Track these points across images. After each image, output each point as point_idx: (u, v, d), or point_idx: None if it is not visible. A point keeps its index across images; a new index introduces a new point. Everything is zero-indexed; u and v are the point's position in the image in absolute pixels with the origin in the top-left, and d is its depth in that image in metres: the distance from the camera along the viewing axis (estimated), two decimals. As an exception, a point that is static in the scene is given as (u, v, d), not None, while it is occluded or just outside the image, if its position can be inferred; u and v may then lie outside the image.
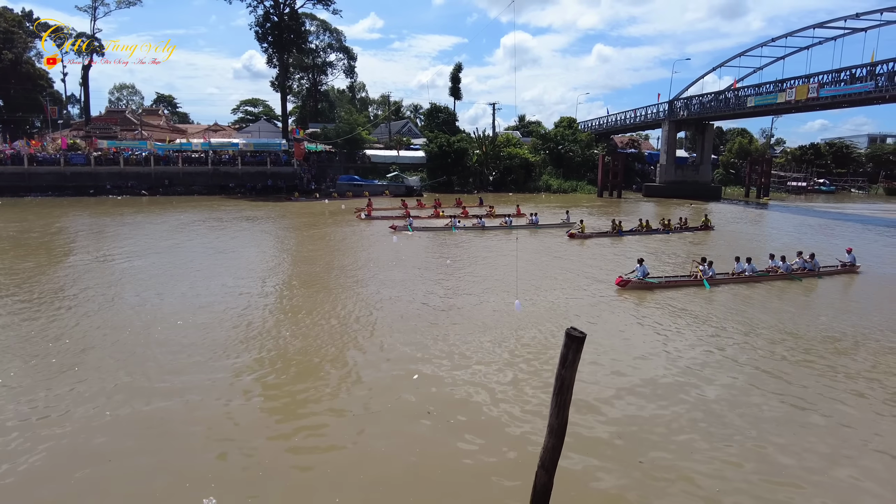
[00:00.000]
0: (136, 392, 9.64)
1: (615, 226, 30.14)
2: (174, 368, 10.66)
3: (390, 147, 68.98)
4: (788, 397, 9.90)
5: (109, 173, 50.94)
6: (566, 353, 5.24)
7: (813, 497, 7.15)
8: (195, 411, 9.02)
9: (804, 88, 43.21)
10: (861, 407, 9.58)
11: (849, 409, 9.51)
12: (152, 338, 12.34)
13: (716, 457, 7.94)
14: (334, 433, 8.51)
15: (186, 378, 10.24)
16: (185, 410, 9.05)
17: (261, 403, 9.44)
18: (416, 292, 16.79)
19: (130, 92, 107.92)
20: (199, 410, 9.05)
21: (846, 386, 10.42)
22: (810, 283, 19.38)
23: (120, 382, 10.00)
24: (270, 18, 61.52)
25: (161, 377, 10.25)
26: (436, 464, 7.73)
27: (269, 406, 9.37)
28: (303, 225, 33.29)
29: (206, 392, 9.69)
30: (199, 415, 8.92)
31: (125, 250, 23.25)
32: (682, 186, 59.25)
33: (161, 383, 10.01)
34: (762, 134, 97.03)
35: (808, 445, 8.32)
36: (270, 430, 8.56)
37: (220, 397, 9.52)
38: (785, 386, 10.39)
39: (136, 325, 13.22)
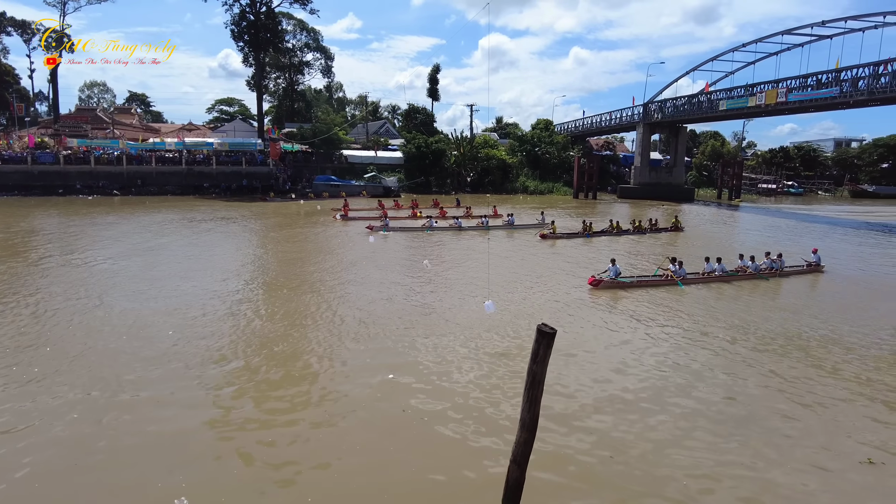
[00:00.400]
0: (105, 397, 9.51)
1: (586, 227, 30.40)
2: (145, 373, 10.51)
3: (368, 147, 68.75)
4: (755, 392, 10.18)
5: (79, 172, 49.81)
6: (537, 349, 5.35)
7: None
8: (165, 415, 8.94)
9: (773, 93, 44.29)
10: (833, 406, 9.89)
11: (820, 409, 9.81)
12: (123, 342, 12.17)
13: (686, 452, 8.13)
14: (307, 434, 8.50)
15: (158, 383, 10.12)
16: (155, 415, 8.95)
17: (232, 404, 9.37)
18: (391, 293, 16.81)
19: (102, 90, 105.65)
20: (168, 414, 8.97)
21: (823, 387, 10.75)
22: (777, 283, 19.89)
23: (89, 388, 9.85)
24: (246, 17, 60.84)
25: (132, 381, 10.12)
26: (410, 461, 7.78)
27: (241, 407, 9.31)
28: (278, 226, 33.03)
29: (177, 396, 9.59)
30: (168, 419, 8.84)
31: (96, 252, 22.81)
32: (656, 188, 60.19)
33: (132, 387, 9.88)
34: (734, 137, 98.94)
35: (778, 443, 8.56)
36: (243, 431, 8.52)
37: (191, 401, 9.43)
38: (757, 381, 10.68)
39: (106, 330, 13.01)
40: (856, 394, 10.23)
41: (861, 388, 10.52)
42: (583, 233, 30.03)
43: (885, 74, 36.37)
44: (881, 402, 9.93)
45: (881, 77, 36.66)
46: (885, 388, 10.56)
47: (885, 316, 15.81)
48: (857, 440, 8.55)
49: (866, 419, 9.25)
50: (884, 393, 10.31)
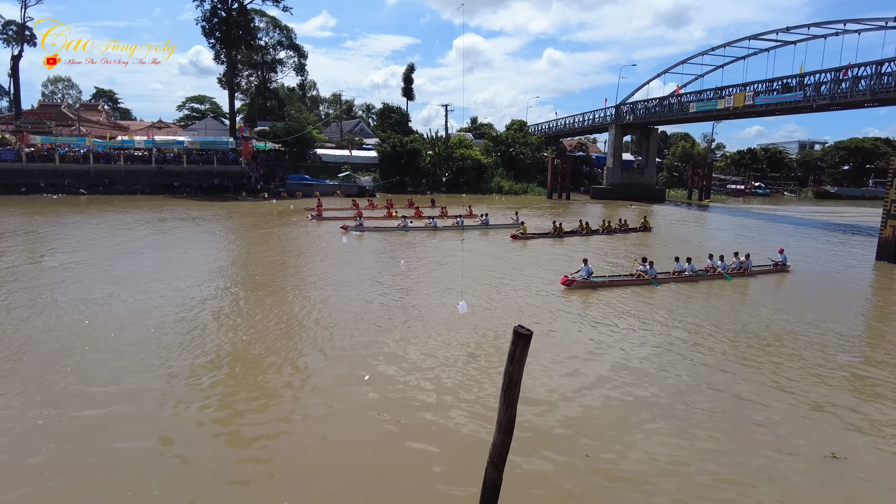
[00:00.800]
0: (72, 401, 9.28)
1: (556, 227, 30.63)
2: (114, 377, 10.27)
3: (342, 146, 68.32)
4: (727, 389, 10.44)
5: (43, 171, 48.44)
6: (514, 350, 5.39)
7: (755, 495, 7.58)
8: (135, 419, 8.77)
9: (741, 96, 45.39)
10: (792, 399, 10.20)
11: (780, 402, 10.10)
12: (90, 345, 11.87)
13: (660, 450, 8.29)
14: (280, 436, 8.42)
15: (127, 386, 9.91)
16: (125, 419, 8.78)
17: (204, 408, 9.23)
18: (365, 294, 16.75)
19: (66, 85, 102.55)
20: (138, 418, 8.80)
21: (790, 380, 11.07)
22: (745, 282, 20.37)
23: (56, 392, 9.60)
24: (218, 13, 59.88)
25: (99, 386, 9.88)
26: (385, 463, 7.77)
27: (214, 411, 9.18)
28: (250, 226, 32.60)
29: (148, 400, 9.41)
30: (139, 423, 8.67)
31: (61, 252, 22.21)
32: (628, 189, 61.13)
33: (100, 392, 9.64)
34: (704, 138, 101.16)
35: (752, 440, 8.79)
36: (214, 435, 8.41)
37: (161, 404, 9.27)
38: (725, 377, 10.94)
39: (72, 333, 12.68)
40: (820, 389, 10.56)
41: (825, 383, 10.86)
42: (553, 233, 30.26)
43: (846, 80, 37.59)
44: (845, 396, 10.26)
45: (842, 82, 37.88)
46: (849, 383, 10.93)
47: (847, 313, 16.38)
48: (821, 435, 8.82)
49: (830, 414, 9.55)
50: (847, 388, 10.67)
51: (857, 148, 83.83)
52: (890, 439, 8.78)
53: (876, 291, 20.60)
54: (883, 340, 14.03)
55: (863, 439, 8.77)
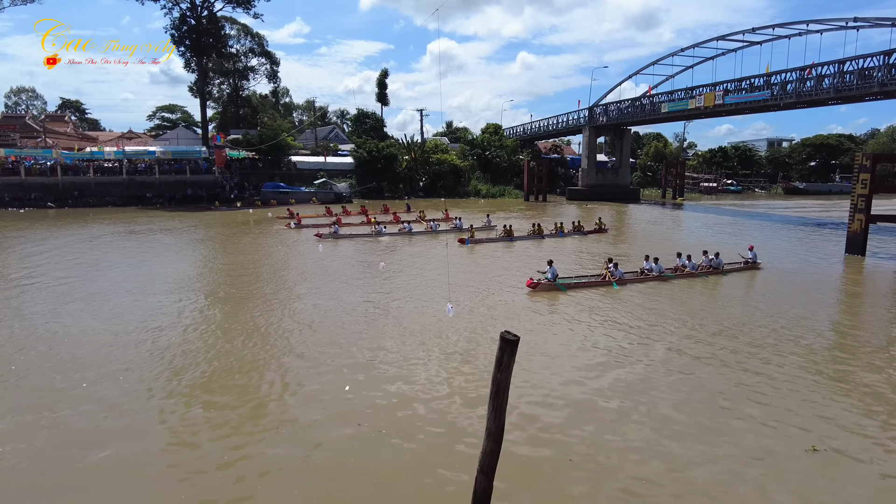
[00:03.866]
0: (46, 422, 8.97)
1: (506, 230, 30.35)
2: (86, 395, 9.97)
3: (317, 153, 67.78)
4: (704, 388, 10.53)
5: (8, 184, 47.18)
6: (501, 356, 5.33)
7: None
8: (112, 438, 8.50)
9: (711, 95, 46.18)
10: (778, 396, 10.32)
11: (763, 400, 10.22)
12: (59, 362, 11.52)
13: (641, 446, 8.31)
14: (260, 449, 8.23)
15: (101, 405, 9.61)
16: (99, 439, 8.51)
17: (182, 421, 9.00)
18: (344, 301, 16.56)
19: (30, 96, 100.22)
20: (114, 438, 8.54)
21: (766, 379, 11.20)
22: (716, 280, 20.38)
23: (28, 412, 9.27)
24: (188, 21, 59.05)
25: (71, 403, 9.57)
26: (368, 476, 7.64)
27: (193, 423, 8.95)
28: (225, 235, 32.10)
29: (125, 417, 9.15)
30: (114, 443, 8.41)
31: (28, 268, 21.56)
32: (603, 189, 61.73)
33: (72, 411, 9.34)
34: (675, 138, 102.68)
35: (733, 438, 8.86)
36: (195, 449, 8.19)
37: (134, 426, 9.02)
38: (701, 376, 11.04)
39: (40, 351, 12.30)
40: (797, 384, 10.70)
41: (801, 378, 11.02)
42: (503, 236, 30.00)
43: (810, 79, 38.50)
44: (821, 391, 10.42)
45: (807, 81, 38.80)
46: (824, 377, 11.10)
47: (818, 309, 16.68)
48: (801, 428, 8.93)
49: (808, 408, 9.67)
50: (824, 382, 10.84)
51: (823, 144, 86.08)
52: (868, 429, 8.93)
53: (847, 284, 21.05)
54: (857, 332, 14.30)
55: (841, 431, 8.89)
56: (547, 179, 61.39)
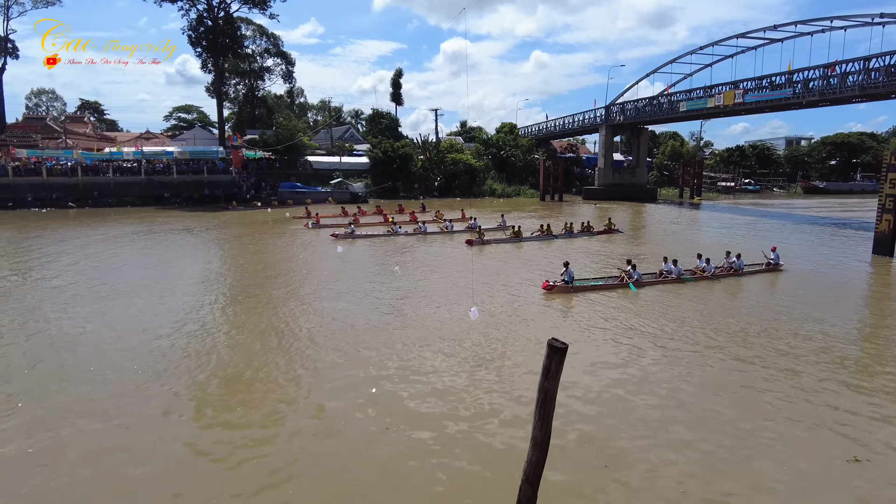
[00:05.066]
0: (61, 423, 9.00)
1: (515, 231, 30.08)
2: (104, 395, 10.00)
3: (332, 153, 67.96)
4: (737, 396, 10.33)
5: (31, 185, 47.76)
6: (549, 365, 5.22)
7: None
8: (129, 440, 8.50)
9: (731, 94, 45.64)
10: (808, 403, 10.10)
11: (795, 403, 10.00)
12: (80, 363, 11.58)
13: (675, 454, 8.15)
14: (287, 452, 8.19)
15: (119, 405, 9.63)
16: (119, 440, 8.51)
17: (206, 421, 9.00)
18: (367, 302, 16.53)
19: (50, 98, 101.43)
20: (133, 439, 8.54)
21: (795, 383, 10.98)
22: (736, 283, 19.94)
23: (43, 414, 9.31)
24: (204, 22, 59.51)
25: (89, 406, 9.58)
26: (400, 482, 7.57)
27: (217, 424, 8.94)
28: (244, 235, 32.23)
29: (143, 418, 9.16)
30: (133, 444, 8.41)
31: (51, 269, 21.77)
32: (620, 189, 61.27)
33: (89, 413, 9.36)
34: (692, 137, 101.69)
35: (768, 446, 8.67)
36: (219, 450, 8.16)
37: (158, 422, 9.02)
38: (732, 383, 10.84)
39: (60, 350, 12.37)
40: (833, 391, 10.47)
41: (837, 385, 10.77)
42: (512, 237, 29.66)
43: (834, 76, 37.87)
44: (859, 398, 10.18)
45: (830, 79, 38.17)
46: (860, 385, 10.85)
47: (846, 312, 16.30)
48: (842, 438, 8.72)
49: (848, 417, 9.45)
50: (860, 390, 10.59)
51: (843, 143, 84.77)
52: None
53: (876, 287, 20.62)
54: (890, 337, 13.97)
55: (884, 441, 8.66)
56: (563, 179, 60.98)
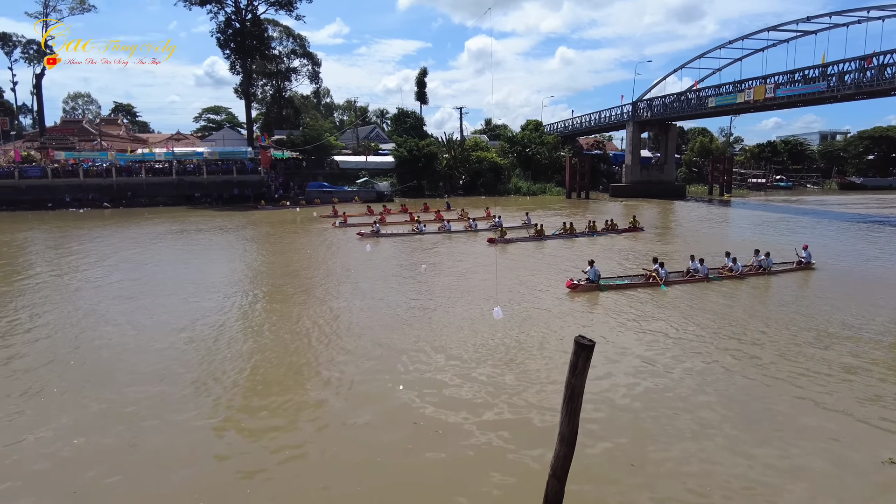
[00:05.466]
0: (102, 416, 9.32)
1: (537, 230, 29.78)
2: (140, 390, 10.32)
3: (358, 153, 68.54)
4: (763, 393, 10.18)
5: (68, 186, 49.27)
6: (576, 361, 5.28)
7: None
8: (167, 433, 8.77)
9: (762, 89, 44.65)
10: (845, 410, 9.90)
11: (824, 407, 9.81)
12: (117, 362, 11.96)
13: (705, 454, 8.09)
14: (317, 448, 8.36)
15: (156, 400, 9.93)
16: (158, 432, 8.79)
17: (237, 418, 9.22)
18: (394, 300, 16.69)
19: (86, 101, 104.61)
20: (172, 432, 8.80)
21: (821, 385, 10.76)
22: (766, 282, 19.46)
23: (85, 407, 9.65)
24: (232, 24, 60.57)
25: (128, 400, 9.91)
26: (428, 477, 7.66)
27: (248, 420, 9.16)
28: (274, 234, 32.78)
29: (181, 412, 9.43)
30: (172, 437, 8.67)
31: (89, 266, 22.50)
32: (648, 186, 60.46)
33: (129, 406, 9.67)
34: (721, 133, 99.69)
35: (801, 447, 8.54)
36: (251, 446, 8.37)
37: (196, 415, 9.28)
38: (763, 384, 10.68)
39: (99, 350, 12.80)
40: (865, 392, 10.24)
41: (870, 386, 10.53)
42: (534, 236, 29.41)
43: (871, 68, 36.77)
44: (890, 402, 9.95)
45: (867, 71, 37.07)
46: (893, 386, 10.60)
47: (880, 313, 15.80)
48: (876, 440, 8.54)
49: (881, 419, 9.24)
50: (894, 391, 10.34)
51: (882, 137, 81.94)
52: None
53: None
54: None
55: (919, 442, 8.47)
56: (589, 176, 60.41)
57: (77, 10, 61.99)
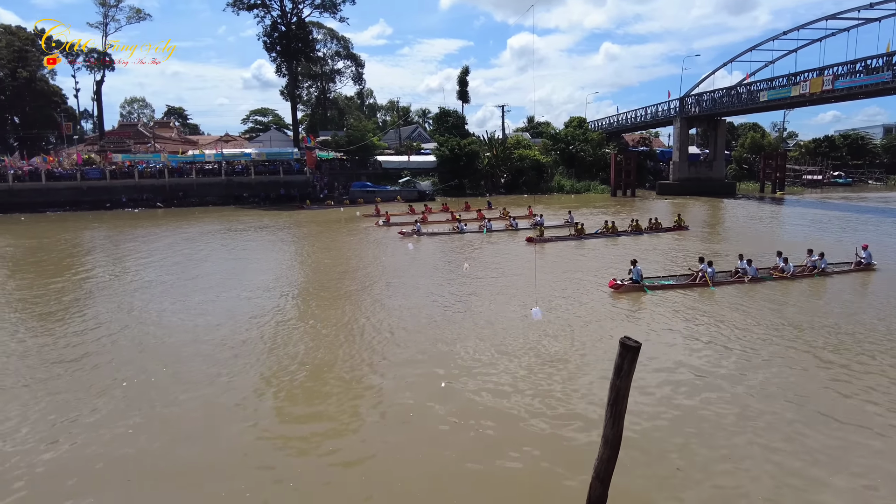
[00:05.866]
0: (157, 406, 9.68)
1: (577, 229, 29.18)
2: (192, 381, 10.67)
3: (400, 153, 69.11)
4: (824, 402, 9.73)
5: (125, 186, 51.46)
6: (621, 363, 5.17)
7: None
8: (216, 423, 9.02)
9: (818, 81, 42.69)
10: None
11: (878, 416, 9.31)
12: (171, 353, 12.39)
13: (751, 461, 7.79)
14: (358, 446, 8.44)
15: (208, 391, 10.25)
16: (206, 423, 9.05)
17: (282, 412, 9.43)
18: (436, 299, 16.75)
19: (141, 105, 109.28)
20: (219, 422, 9.05)
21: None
22: (820, 283, 18.54)
23: (142, 398, 10.04)
24: (278, 28, 62.03)
25: (181, 391, 10.27)
26: (470, 476, 7.63)
27: (291, 416, 9.35)
28: (319, 233, 33.38)
29: (228, 402, 9.69)
30: (220, 428, 8.92)
31: (144, 263, 23.44)
32: (696, 183, 58.65)
33: (181, 397, 10.02)
34: (773, 128, 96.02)
35: (857, 453, 8.14)
36: (294, 441, 8.53)
37: (243, 409, 9.52)
38: (820, 390, 10.22)
39: (154, 344, 13.29)
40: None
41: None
42: (574, 235, 28.74)
43: (941, 57, 34.69)
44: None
45: (936, 59, 34.99)
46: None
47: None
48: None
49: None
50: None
51: (952, 130, 77.34)
52: None
53: None
54: None
55: None
56: (635, 174, 59.02)
57: (134, 19, 64.81)
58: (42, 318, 15.28)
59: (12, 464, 7.94)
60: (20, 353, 12.49)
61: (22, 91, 65.00)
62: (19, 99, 65.46)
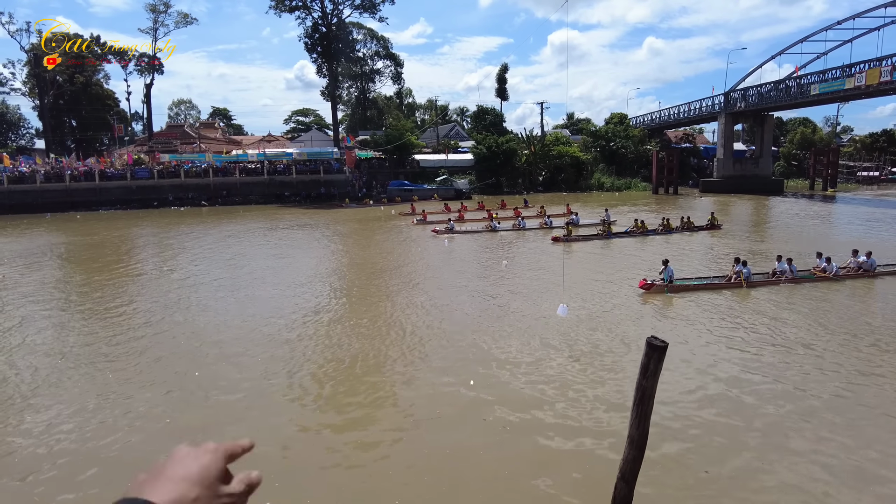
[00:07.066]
0: (194, 399, 10.05)
1: (605, 227, 28.63)
2: (232, 377, 11.03)
3: (438, 151, 69.30)
4: (845, 409, 9.37)
5: (172, 186, 53.28)
6: (647, 363, 5.13)
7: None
8: (253, 420, 9.31)
9: (876, 72, 40.78)
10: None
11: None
12: (215, 348, 12.83)
13: (782, 467, 7.58)
14: (388, 440, 8.60)
15: (246, 385, 10.58)
16: (242, 418, 9.35)
17: (316, 407, 9.66)
18: (468, 296, 16.81)
19: (188, 107, 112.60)
20: (255, 418, 9.34)
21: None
22: (867, 285, 17.77)
23: (182, 391, 10.44)
24: (319, 29, 63.01)
25: (219, 387, 10.63)
26: (495, 474, 7.67)
27: (324, 411, 9.57)
28: (358, 231, 33.91)
29: (264, 399, 9.99)
30: (256, 423, 9.20)
31: (190, 260, 24.32)
32: (741, 181, 56.86)
33: (220, 392, 10.38)
34: (826, 122, 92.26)
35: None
36: (326, 437, 8.73)
37: (279, 404, 9.79)
38: (860, 394, 9.84)
39: (198, 339, 13.78)
40: None
41: None
42: (603, 234, 28.19)
43: None
44: None
45: None
46: None
47: None
48: None
49: None
50: None
51: None
52: None
53: None
54: None
55: None
56: (677, 171, 57.68)
57: (182, 24, 67.02)
58: (104, 313, 16.05)
59: (88, 448, 8.41)
60: (87, 347, 13.17)
61: (79, 95, 68.06)
62: (77, 103, 68.56)
